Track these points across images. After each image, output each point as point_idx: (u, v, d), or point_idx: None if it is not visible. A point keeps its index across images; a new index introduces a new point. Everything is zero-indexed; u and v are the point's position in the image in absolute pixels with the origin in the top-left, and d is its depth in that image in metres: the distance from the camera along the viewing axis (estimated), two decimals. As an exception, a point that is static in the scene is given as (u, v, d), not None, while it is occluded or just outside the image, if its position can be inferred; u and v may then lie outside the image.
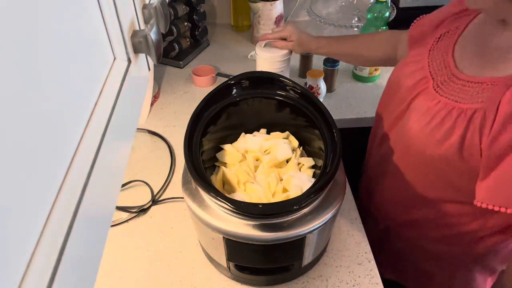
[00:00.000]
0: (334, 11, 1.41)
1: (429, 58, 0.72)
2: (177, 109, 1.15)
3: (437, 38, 0.73)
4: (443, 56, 0.69)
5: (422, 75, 0.71)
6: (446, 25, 0.73)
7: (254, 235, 0.61)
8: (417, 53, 0.76)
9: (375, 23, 1.09)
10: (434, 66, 0.70)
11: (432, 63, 0.70)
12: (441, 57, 0.69)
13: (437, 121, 0.65)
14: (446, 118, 0.64)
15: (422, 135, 0.68)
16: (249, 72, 0.80)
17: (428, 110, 0.67)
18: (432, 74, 0.69)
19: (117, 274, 0.77)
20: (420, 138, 0.68)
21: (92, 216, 0.28)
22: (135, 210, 0.88)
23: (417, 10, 1.41)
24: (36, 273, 0.21)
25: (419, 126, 0.68)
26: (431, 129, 0.66)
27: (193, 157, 0.67)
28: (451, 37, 0.70)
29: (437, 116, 0.65)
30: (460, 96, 0.63)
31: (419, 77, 0.71)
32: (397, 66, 0.81)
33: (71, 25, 0.28)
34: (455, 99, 0.63)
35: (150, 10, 0.44)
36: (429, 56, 0.72)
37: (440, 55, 0.70)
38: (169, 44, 1.30)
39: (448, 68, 0.67)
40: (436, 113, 0.65)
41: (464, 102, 0.62)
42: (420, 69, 0.72)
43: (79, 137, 0.28)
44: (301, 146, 0.83)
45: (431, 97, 0.67)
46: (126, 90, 0.36)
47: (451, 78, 0.65)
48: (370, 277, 0.75)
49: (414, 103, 0.71)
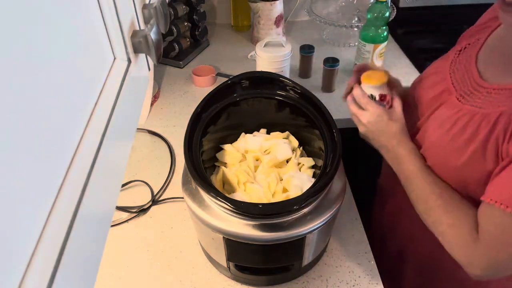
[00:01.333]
0: (334, 11, 1.41)
1: (451, 70, 0.69)
2: (177, 109, 1.15)
3: (458, 51, 0.71)
4: (466, 67, 0.67)
5: (444, 87, 0.68)
6: (467, 38, 0.72)
7: (254, 235, 0.61)
8: (437, 66, 0.73)
9: (375, 23, 1.10)
10: (456, 77, 0.67)
11: (454, 75, 0.68)
12: (464, 69, 0.67)
13: (459, 127, 0.62)
14: (469, 123, 0.61)
15: (442, 144, 0.64)
16: (249, 72, 0.80)
17: (448, 118, 0.64)
18: (454, 86, 0.67)
19: (117, 274, 0.77)
20: (440, 147, 0.65)
21: (92, 216, 0.28)
22: (135, 210, 0.88)
23: (417, 10, 1.42)
24: (36, 273, 0.21)
25: (438, 135, 0.65)
26: (452, 136, 0.63)
27: (193, 157, 0.67)
28: (472, 49, 0.68)
29: (458, 123, 0.62)
30: (485, 103, 0.60)
31: (440, 89, 0.69)
32: (416, 82, 0.77)
33: (71, 25, 0.28)
34: (478, 105, 0.61)
35: (150, 10, 0.44)
36: (450, 68, 0.70)
37: (462, 67, 0.68)
38: (169, 44, 1.30)
39: (472, 78, 0.64)
40: (457, 119, 0.63)
41: (488, 108, 0.59)
42: (442, 81, 0.69)
43: (79, 137, 0.28)
44: (301, 146, 0.83)
45: (453, 106, 0.64)
46: (126, 90, 0.36)
47: (475, 88, 0.63)
48: (370, 277, 0.75)
49: (434, 114, 0.68)
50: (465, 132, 0.61)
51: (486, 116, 0.59)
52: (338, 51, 1.36)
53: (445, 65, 0.71)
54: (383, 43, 1.12)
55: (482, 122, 0.59)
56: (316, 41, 1.38)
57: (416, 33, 1.42)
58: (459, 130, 0.62)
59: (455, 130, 0.62)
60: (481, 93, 0.62)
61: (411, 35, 1.41)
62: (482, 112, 0.60)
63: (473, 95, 0.63)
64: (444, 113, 0.66)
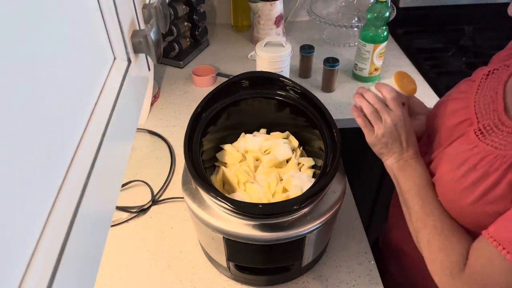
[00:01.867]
0: (334, 11, 1.41)
1: (476, 96, 0.63)
2: (177, 109, 1.15)
3: (485, 75, 0.65)
4: (492, 97, 0.61)
5: (467, 116, 0.62)
6: (497, 61, 0.66)
7: (254, 235, 0.61)
8: (463, 89, 0.67)
9: (375, 23, 1.09)
10: (481, 107, 0.62)
11: (479, 103, 0.62)
12: (490, 98, 0.61)
13: (470, 165, 0.57)
14: (480, 163, 0.56)
15: (452, 181, 0.60)
16: (249, 72, 0.80)
17: (461, 153, 0.60)
18: (477, 116, 0.61)
19: (117, 274, 0.77)
20: (449, 183, 0.60)
21: (92, 216, 0.28)
22: (135, 210, 0.88)
23: (417, 10, 1.42)
24: (36, 273, 0.21)
25: (448, 171, 0.61)
26: (461, 175, 0.58)
27: (193, 157, 0.67)
28: (500, 75, 0.62)
29: (470, 161, 0.57)
30: (502, 143, 0.56)
31: (462, 118, 0.63)
32: (441, 101, 0.71)
33: (71, 25, 0.28)
34: (495, 145, 0.56)
35: (150, 10, 0.44)
36: (476, 94, 0.64)
37: (489, 96, 0.62)
38: (169, 44, 1.30)
39: (496, 112, 0.59)
40: (469, 157, 0.58)
41: (505, 149, 0.55)
42: (465, 108, 0.63)
43: (79, 137, 0.28)
44: (301, 146, 0.83)
45: (469, 141, 0.60)
46: (126, 90, 0.36)
47: (497, 125, 0.58)
48: (370, 277, 0.75)
49: (451, 146, 0.63)
50: (476, 172, 0.56)
51: (501, 158, 0.55)
52: (338, 51, 1.36)
53: (471, 89, 0.65)
54: (383, 43, 1.12)
55: (494, 163, 0.55)
56: (316, 41, 1.38)
57: (416, 33, 1.42)
58: (470, 169, 0.57)
59: (464, 168, 0.58)
60: (501, 132, 0.57)
61: (411, 35, 1.41)
62: (497, 153, 0.55)
63: (492, 132, 0.58)
64: (458, 147, 0.61)
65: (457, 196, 0.59)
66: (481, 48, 1.34)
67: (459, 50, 1.34)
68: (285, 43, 1.11)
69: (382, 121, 0.67)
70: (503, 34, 1.36)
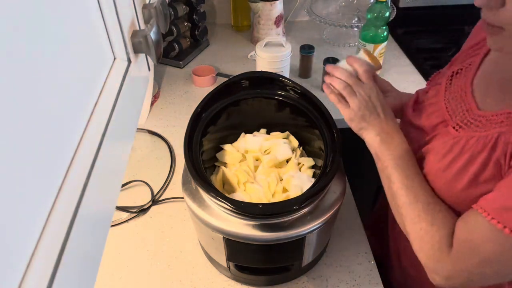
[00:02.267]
0: (334, 11, 1.41)
1: (445, 99, 0.65)
2: (177, 109, 1.15)
3: (450, 76, 0.67)
4: (462, 97, 0.63)
5: (441, 118, 0.64)
6: (459, 62, 0.68)
7: (254, 235, 0.61)
8: (432, 95, 0.69)
9: (375, 23, 1.10)
10: (452, 107, 0.63)
11: (450, 104, 0.64)
12: (460, 98, 0.63)
13: (455, 153, 0.58)
14: (465, 148, 0.57)
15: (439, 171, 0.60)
16: (249, 72, 0.80)
17: (443, 143, 0.60)
18: (451, 116, 0.63)
19: (117, 274, 0.77)
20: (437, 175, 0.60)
21: (92, 216, 0.28)
22: (135, 210, 0.88)
23: (417, 10, 1.42)
24: (36, 273, 0.21)
25: (434, 163, 0.61)
26: (448, 163, 0.58)
27: (193, 157, 0.67)
28: (466, 75, 0.64)
29: (454, 148, 0.58)
30: (482, 128, 0.57)
31: (436, 121, 0.64)
32: (410, 106, 0.72)
33: (71, 25, 0.28)
34: (476, 130, 0.57)
35: (150, 10, 0.44)
36: (444, 97, 0.65)
37: (458, 96, 0.63)
38: (169, 44, 1.30)
39: (470, 110, 0.60)
40: (453, 145, 0.59)
41: (484, 130, 0.56)
42: (437, 111, 0.65)
43: (79, 137, 0.28)
44: (301, 146, 0.83)
45: (450, 135, 0.61)
46: (126, 90, 0.36)
47: (475, 118, 0.59)
48: (370, 277, 0.75)
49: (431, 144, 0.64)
50: (462, 157, 0.57)
51: (483, 138, 0.56)
52: (338, 51, 1.36)
53: (439, 93, 0.67)
54: (383, 43, 1.12)
55: (478, 145, 0.56)
56: (316, 41, 1.38)
57: (416, 33, 1.42)
58: (456, 156, 0.58)
59: (450, 157, 0.59)
60: (479, 122, 0.58)
61: (411, 35, 1.41)
62: (478, 135, 0.57)
63: (471, 124, 0.59)
64: (440, 140, 0.62)
65: (447, 185, 0.59)
66: (481, 48, 1.33)
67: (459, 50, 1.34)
68: (285, 43, 1.11)
69: (356, 95, 0.66)
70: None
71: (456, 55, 0.71)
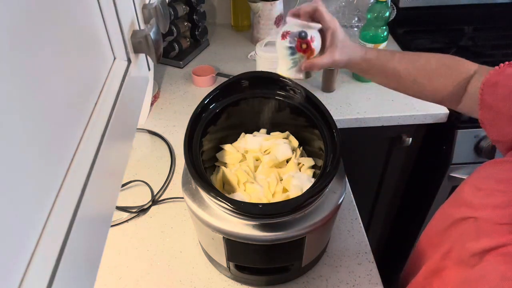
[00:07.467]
0: (334, 11, 1.41)
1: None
2: (177, 109, 1.15)
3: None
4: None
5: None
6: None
7: (254, 235, 0.61)
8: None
9: (375, 23, 1.10)
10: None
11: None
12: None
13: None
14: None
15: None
16: (249, 72, 0.80)
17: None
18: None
19: (117, 274, 0.77)
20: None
21: (92, 216, 0.28)
22: (135, 210, 0.88)
23: (417, 10, 1.42)
24: (36, 273, 0.21)
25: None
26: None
27: (193, 157, 0.67)
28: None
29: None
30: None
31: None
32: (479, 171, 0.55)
33: (71, 25, 0.28)
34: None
35: (150, 10, 0.44)
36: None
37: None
38: (169, 44, 1.30)
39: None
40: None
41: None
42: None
43: (79, 137, 0.28)
44: (301, 146, 0.83)
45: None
46: (126, 90, 0.36)
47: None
48: (370, 277, 0.75)
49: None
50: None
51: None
52: (338, 51, 1.35)
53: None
54: (383, 43, 1.12)
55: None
56: (316, 41, 1.38)
57: (416, 33, 1.42)
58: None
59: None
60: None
61: (411, 35, 1.41)
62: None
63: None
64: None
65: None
66: (481, 48, 1.33)
67: (459, 50, 1.34)
68: (285, 43, 1.11)
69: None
70: (503, 34, 1.37)
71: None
